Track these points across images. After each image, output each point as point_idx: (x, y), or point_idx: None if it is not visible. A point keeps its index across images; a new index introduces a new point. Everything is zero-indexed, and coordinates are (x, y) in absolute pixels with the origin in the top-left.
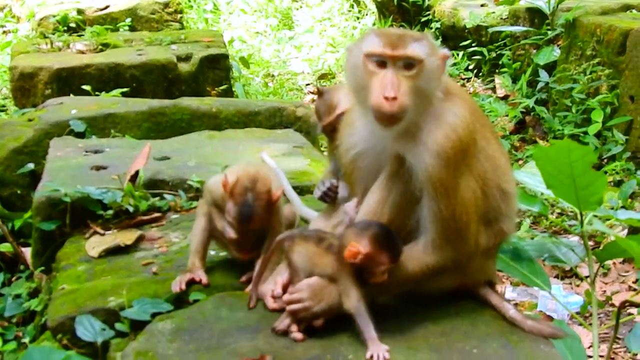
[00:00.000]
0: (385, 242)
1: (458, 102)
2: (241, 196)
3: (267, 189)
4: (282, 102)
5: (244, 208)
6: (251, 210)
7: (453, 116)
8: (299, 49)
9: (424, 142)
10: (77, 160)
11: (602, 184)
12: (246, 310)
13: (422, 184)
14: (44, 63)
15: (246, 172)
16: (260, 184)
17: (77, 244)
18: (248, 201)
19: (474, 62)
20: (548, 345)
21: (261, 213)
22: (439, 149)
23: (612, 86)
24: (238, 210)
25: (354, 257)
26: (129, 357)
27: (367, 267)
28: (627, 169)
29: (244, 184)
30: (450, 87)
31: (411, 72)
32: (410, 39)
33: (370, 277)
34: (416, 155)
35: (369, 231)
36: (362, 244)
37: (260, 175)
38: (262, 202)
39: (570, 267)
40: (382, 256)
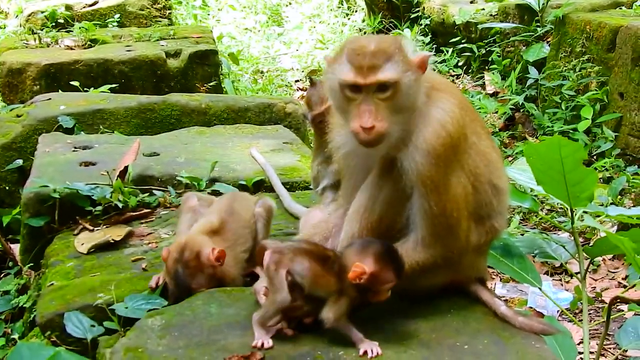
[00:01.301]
0: (389, 258)
1: (446, 98)
2: (172, 271)
3: (194, 255)
4: (271, 98)
5: (178, 281)
6: (185, 281)
7: (441, 112)
8: (288, 45)
9: (414, 142)
10: (66, 156)
11: (592, 180)
12: (236, 306)
13: (412, 182)
14: (32, 59)
15: (176, 244)
16: (187, 253)
17: (66, 240)
18: (179, 274)
19: (463, 58)
20: (539, 342)
21: (196, 281)
22: (429, 147)
23: (601, 83)
24: (174, 284)
25: (359, 277)
26: (119, 353)
27: (372, 286)
28: (617, 166)
29: (172, 256)
30: (437, 83)
31: (387, 93)
32: (382, 59)
33: (374, 296)
34: (406, 154)
35: (371, 249)
36: (366, 263)
37: (189, 245)
38: (192, 270)
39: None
40: (388, 274)
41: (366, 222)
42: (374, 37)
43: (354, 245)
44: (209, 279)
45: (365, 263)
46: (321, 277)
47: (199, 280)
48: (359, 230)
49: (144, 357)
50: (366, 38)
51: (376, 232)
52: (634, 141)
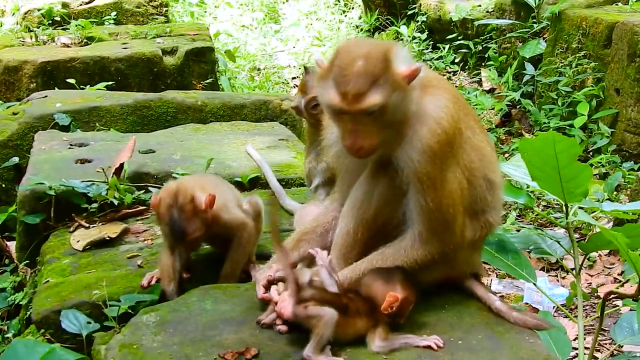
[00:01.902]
0: (410, 281)
1: (439, 94)
2: (166, 215)
3: (189, 199)
4: (267, 95)
5: (172, 225)
6: (180, 225)
7: (435, 109)
8: (285, 42)
9: (408, 140)
10: (62, 154)
11: (587, 176)
12: (231, 303)
13: (408, 179)
14: (28, 57)
15: (167, 189)
16: (181, 197)
17: (62, 238)
18: (174, 217)
19: (460, 55)
20: (533, 337)
21: (192, 225)
22: (424, 145)
23: (597, 79)
24: (169, 229)
25: (391, 305)
26: (114, 350)
27: (401, 311)
28: (613, 162)
29: (165, 202)
30: (430, 80)
31: (374, 115)
32: (367, 84)
33: (400, 319)
34: (401, 152)
35: (395, 277)
36: (397, 291)
37: (182, 187)
38: (188, 214)
39: (556, 260)
40: (412, 295)
41: (361, 218)
42: (364, 49)
43: (375, 277)
44: (202, 224)
45: (396, 291)
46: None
47: (194, 225)
48: (354, 225)
49: (138, 353)
50: (355, 51)
51: (372, 228)
52: (630, 137)
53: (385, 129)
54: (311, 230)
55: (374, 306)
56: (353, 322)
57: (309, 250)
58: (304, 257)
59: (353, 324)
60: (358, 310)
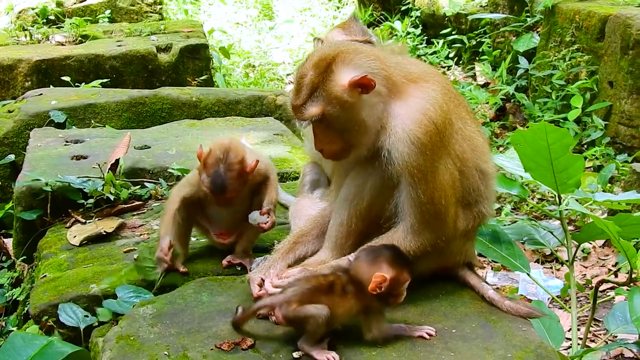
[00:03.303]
0: (401, 259)
1: (425, 86)
2: (213, 167)
3: (240, 159)
4: (262, 91)
5: (216, 179)
6: (223, 181)
7: (421, 101)
8: (279, 39)
9: (396, 132)
10: (58, 151)
11: (580, 167)
12: (227, 294)
13: (399, 172)
14: (23, 55)
15: (219, 143)
16: (232, 154)
17: (59, 233)
18: (220, 172)
19: (454, 50)
20: (526, 325)
21: (234, 183)
22: (411, 136)
23: (591, 72)
24: (211, 181)
25: (379, 286)
26: (111, 341)
27: (393, 290)
28: (607, 154)
29: (216, 154)
30: (415, 73)
31: (321, 123)
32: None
33: (394, 300)
34: (390, 145)
35: (382, 256)
36: (383, 270)
37: (233, 146)
38: (234, 173)
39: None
40: (404, 274)
41: (355, 210)
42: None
43: (361, 258)
44: (242, 185)
45: (382, 271)
46: (339, 306)
47: (236, 185)
48: (347, 217)
49: (135, 344)
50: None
51: (365, 220)
52: (624, 129)
53: (344, 134)
54: (307, 232)
55: (362, 288)
56: (341, 301)
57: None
58: (300, 259)
59: (341, 304)
60: (344, 289)
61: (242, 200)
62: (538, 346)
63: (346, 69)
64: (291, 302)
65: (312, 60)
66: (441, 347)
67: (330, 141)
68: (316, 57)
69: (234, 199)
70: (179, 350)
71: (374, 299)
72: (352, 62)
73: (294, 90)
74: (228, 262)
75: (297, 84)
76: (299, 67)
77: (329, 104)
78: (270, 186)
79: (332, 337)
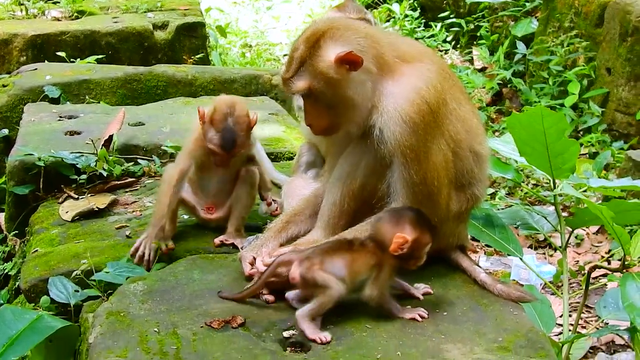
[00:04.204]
0: (424, 221)
1: (419, 66)
2: (221, 122)
3: (246, 112)
4: (258, 70)
5: (226, 133)
6: (234, 135)
7: (415, 80)
8: (277, 19)
9: (387, 111)
10: (51, 126)
11: (575, 152)
12: (218, 273)
13: (391, 152)
14: (19, 30)
15: (222, 100)
16: (238, 108)
17: (51, 208)
18: (229, 126)
19: (452, 33)
20: (517, 309)
21: (243, 137)
22: (404, 115)
23: (589, 58)
24: (221, 136)
25: (401, 247)
26: (101, 317)
27: (414, 253)
28: (603, 141)
29: (222, 110)
30: (409, 53)
31: (309, 98)
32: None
33: (414, 262)
34: (382, 123)
35: (405, 217)
36: (405, 231)
37: (238, 100)
38: (242, 126)
39: (544, 238)
40: (426, 236)
41: (347, 190)
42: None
43: (384, 218)
44: (249, 140)
45: (405, 232)
46: (356, 262)
47: (244, 138)
48: (340, 197)
49: (125, 320)
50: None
51: (358, 200)
52: (621, 117)
53: (332, 110)
54: (300, 211)
55: (383, 249)
56: (358, 257)
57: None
58: (292, 239)
59: (360, 262)
60: (364, 245)
61: (232, 166)
62: (529, 331)
63: (334, 44)
64: (312, 259)
65: (304, 35)
66: (432, 329)
67: (318, 116)
68: (308, 32)
69: (232, 159)
70: (169, 327)
71: (393, 260)
72: (340, 38)
73: (286, 63)
74: (220, 242)
75: (289, 57)
76: (293, 41)
77: (315, 78)
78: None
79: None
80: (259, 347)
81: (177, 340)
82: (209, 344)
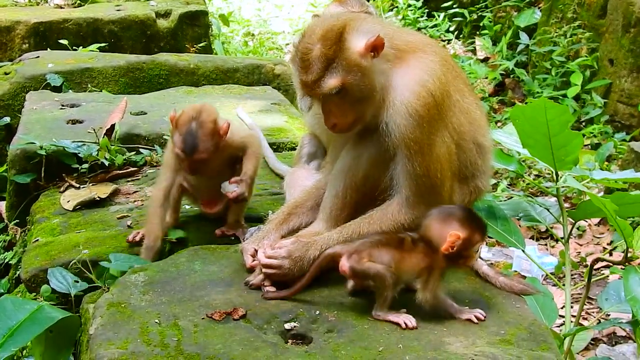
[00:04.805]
0: (475, 220)
1: (424, 57)
2: (185, 125)
3: (212, 118)
4: (260, 60)
5: (187, 137)
6: (195, 139)
7: (420, 72)
8: (280, 8)
9: (394, 104)
10: (53, 114)
11: (578, 144)
12: (219, 264)
13: (395, 144)
14: (21, 17)
15: (192, 106)
16: (205, 114)
17: (52, 198)
18: (192, 130)
19: (454, 23)
20: (520, 302)
21: (206, 142)
22: (410, 109)
23: (592, 49)
24: (182, 139)
25: (452, 245)
26: (102, 308)
27: (464, 251)
28: (605, 132)
29: (188, 114)
30: (412, 43)
31: (338, 95)
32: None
33: (464, 261)
34: (388, 117)
35: (456, 215)
36: (457, 229)
37: (206, 108)
38: (206, 131)
39: (546, 229)
40: (477, 235)
41: (350, 181)
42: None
43: (433, 217)
44: (214, 147)
45: (456, 229)
46: (405, 261)
47: (207, 145)
48: (343, 188)
49: (126, 312)
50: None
51: (361, 192)
52: (623, 108)
53: (357, 104)
54: (302, 203)
55: (433, 248)
56: (408, 257)
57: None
58: (294, 230)
59: (408, 259)
60: (415, 243)
61: (218, 172)
62: (531, 323)
63: (358, 35)
64: (361, 252)
65: (316, 34)
66: (434, 322)
67: (343, 114)
68: (320, 30)
69: (205, 167)
70: (170, 319)
71: (442, 259)
72: (361, 27)
73: (301, 67)
74: (221, 232)
75: (304, 60)
76: (299, 44)
77: (350, 72)
78: (248, 159)
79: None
80: (260, 339)
81: (178, 331)
82: (210, 336)
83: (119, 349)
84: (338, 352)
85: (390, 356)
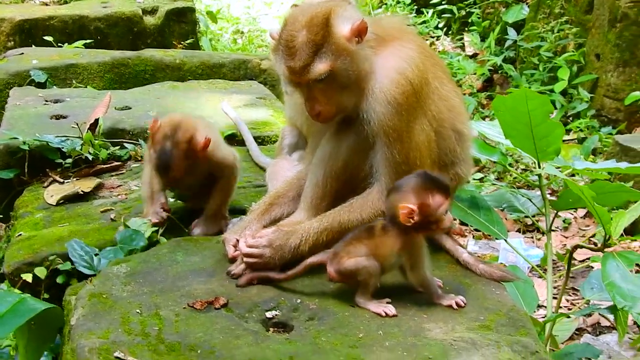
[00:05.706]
0: (429, 183)
1: (402, 45)
2: (159, 144)
3: (188, 137)
4: (247, 55)
5: (161, 155)
6: (168, 159)
7: (399, 60)
8: (269, 5)
9: (373, 92)
10: (37, 110)
11: (559, 134)
12: (202, 255)
13: (374, 132)
14: (6, 14)
15: (169, 119)
16: (180, 133)
17: (36, 192)
18: (165, 150)
19: (443, 20)
20: (500, 289)
21: (180, 163)
22: (388, 97)
23: (579, 44)
24: (157, 157)
25: (410, 216)
26: (83, 299)
27: (430, 219)
28: (592, 127)
29: (164, 131)
30: (392, 31)
31: (325, 81)
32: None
33: (436, 227)
34: (367, 105)
35: (408, 186)
36: (409, 201)
37: (183, 123)
38: (180, 152)
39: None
40: (436, 197)
41: (330, 170)
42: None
43: (390, 193)
44: (189, 166)
45: (408, 201)
46: (380, 247)
47: (181, 165)
48: (323, 177)
49: (108, 302)
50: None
51: (341, 180)
52: (609, 102)
53: (342, 91)
54: (283, 193)
55: (400, 225)
56: (381, 242)
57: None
58: (275, 220)
59: (382, 244)
60: (384, 229)
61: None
62: (510, 309)
63: (343, 20)
64: (339, 253)
65: (299, 21)
66: (414, 309)
67: (328, 101)
68: (304, 17)
69: (182, 182)
70: (152, 309)
71: (416, 236)
72: (345, 13)
73: (287, 55)
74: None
75: (290, 47)
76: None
77: (338, 57)
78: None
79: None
80: (241, 328)
81: (160, 321)
82: (192, 325)
83: (99, 338)
84: (319, 339)
85: (371, 342)
